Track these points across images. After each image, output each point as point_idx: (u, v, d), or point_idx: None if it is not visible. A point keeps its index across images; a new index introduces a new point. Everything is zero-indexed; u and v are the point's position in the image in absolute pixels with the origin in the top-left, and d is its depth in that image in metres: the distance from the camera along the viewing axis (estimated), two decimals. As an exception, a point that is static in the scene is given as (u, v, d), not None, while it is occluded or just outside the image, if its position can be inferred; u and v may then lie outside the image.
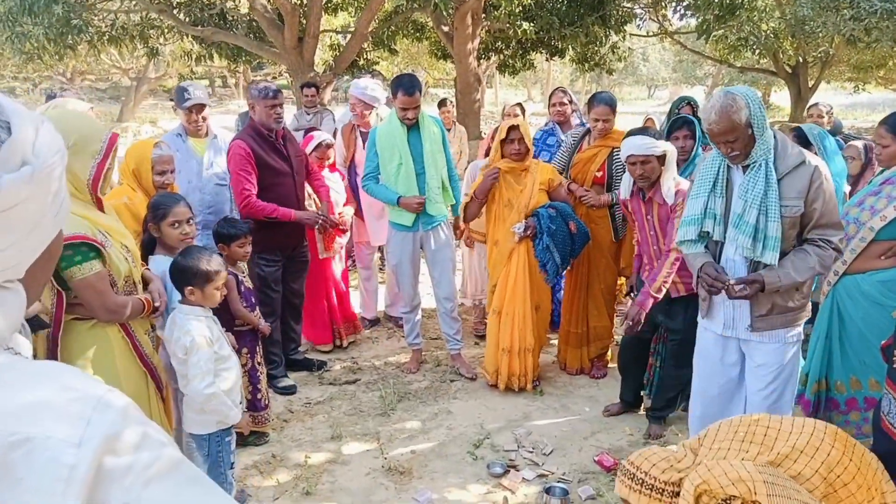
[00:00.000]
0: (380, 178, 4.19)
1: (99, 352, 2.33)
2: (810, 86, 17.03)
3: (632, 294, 3.87)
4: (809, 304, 2.71)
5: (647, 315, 3.53)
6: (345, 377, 4.34)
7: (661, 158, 3.29)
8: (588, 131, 4.23)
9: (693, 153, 3.73)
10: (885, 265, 2.86)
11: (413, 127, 4.12)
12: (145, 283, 2.59)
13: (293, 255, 4.17)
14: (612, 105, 4.09)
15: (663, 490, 1.91)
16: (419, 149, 4.11)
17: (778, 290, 2.56)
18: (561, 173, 4.19)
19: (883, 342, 2.43)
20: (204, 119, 3.99)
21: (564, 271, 4.10)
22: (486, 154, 4.61)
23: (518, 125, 3.93)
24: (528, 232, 3.89)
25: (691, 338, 3.50)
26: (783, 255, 2.54)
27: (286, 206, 3.91)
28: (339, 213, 4.47)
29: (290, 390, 4.11)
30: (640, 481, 1.93)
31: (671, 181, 3.30)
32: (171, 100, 4.17)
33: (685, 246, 2.77)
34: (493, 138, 4.85)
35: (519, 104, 5.16)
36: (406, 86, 3.98)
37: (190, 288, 2.64)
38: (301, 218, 3.95)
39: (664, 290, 3.32)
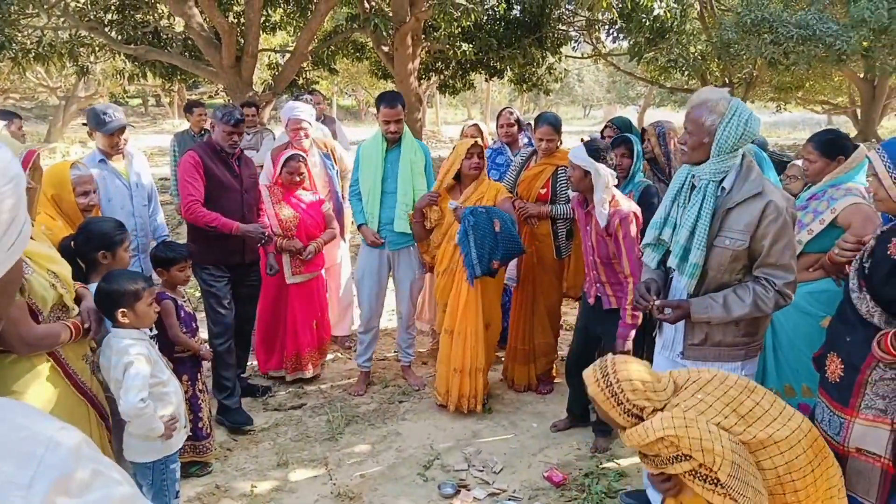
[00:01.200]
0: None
1: (25, 385, 2.17)
2: (736, 105, 17.83)
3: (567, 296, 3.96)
4: (754, 346, 2.64)
5: (588, 327, 3.62)
6: (290, 402, 4.24)
7: (589, 174, 3.38)
8: (535, 151, 4.32)
9: (632, 170, 3.84)
10: (812, 277, 3.00)
11: (395, 146, 4.19)
12: (78, 302, 2.47)
13: (241, 278, 4.00)
14: (555, 125, 4.19)
15: (628, 409, 1.96)
16: (396, 168, 4.15)
17: (709, 322, 2.50)
18: (511, 192, 4.27)
19: (815, 353, 2.55)
20: (125, 141, 3.86)
21: (483, 274, 3.89)
22: None
23: (478, 143, 4.04)
24: (456, 210, 3.92)
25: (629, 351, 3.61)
26: (726, 286, 2.48)
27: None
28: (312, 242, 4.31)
29: (243, 424, 3.86)
30: (612, 390, 1.97)
31: (603, 204, 3.35)
32: (84, 124, 4.00)
33: (646, 249, 2.79)
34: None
35: (476, 124, 5.23)
36: (387, 99, 4.15)
37: (122, 310, 2.54)
38: (243, 230, 3.73)
39: (638, 316, 3.41)
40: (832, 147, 3.12)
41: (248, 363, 4.46)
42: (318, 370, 4.58)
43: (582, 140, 3.59)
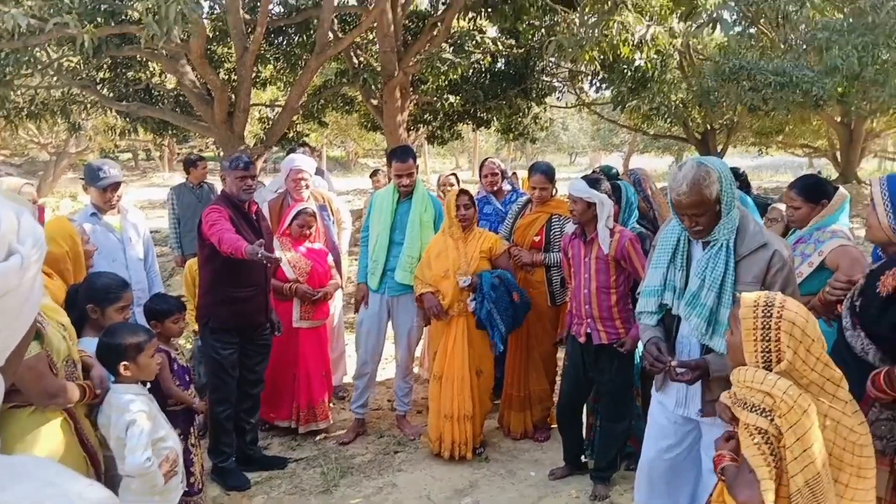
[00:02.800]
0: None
1: (37, 436, 2.19)
2: (719, 150, 18.21)
3: (561, 344, 3.95)
4: None
5: (578, 370, 3.62)
6: (283, 454, 4.18)
7: (593, 206, 3.49)
8: (530, 199, 4.41)
9: (621, 218, 3.91)
10: (802, 318, 3.03)
11: (407, 198, 4.28)
12: (86, 368, 2.48)
13: (252, 337, 3.84)
14: (548, 174, 4.29)
15: (767, 350, 1.80)
16: (405, 220, 4.21)
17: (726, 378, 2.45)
18: (507, 239, 4.34)
19: None
20: (119, 197, 3.91)
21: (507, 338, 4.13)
22: None
23: (467, 191, 4.13)
24: (470, 286, 3.94)
25: (621, 389, 3.61)
26: None
27: (254, 278, 3.68)
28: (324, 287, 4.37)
29: (240, 486, 3.76)
30: (768, 315, 1.81)
31: (605, 230, 3.48)
32: (81, 178, 4.03)
33: (643, 317, 2.69)
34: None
35: (453, 173, 5.37)
36: (399, 154, 4.29)
37: (124, 363, 2.55)
38: (247, 251, 3.27)
39: None
40: (815, 192, 3.20)
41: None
42: (331, 420, 4.50)
43: (583, 176, 3.71)
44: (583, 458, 3.93)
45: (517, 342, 4.34)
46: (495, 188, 4.98)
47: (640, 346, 2.68)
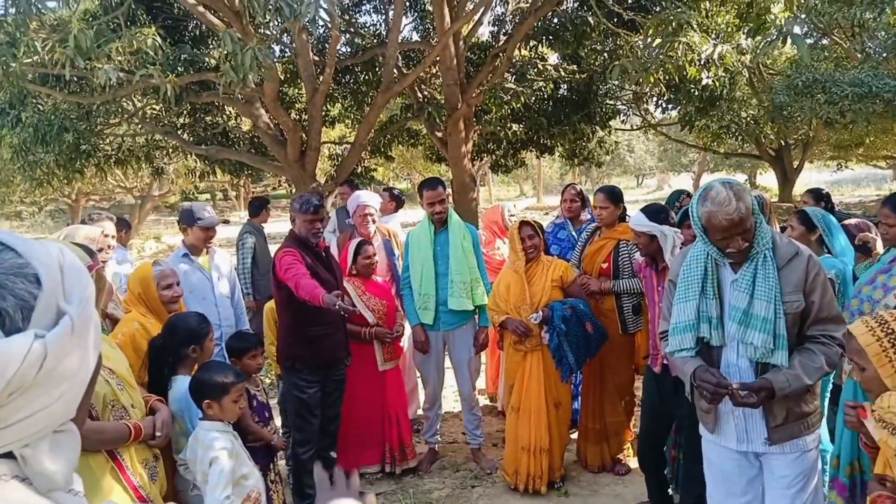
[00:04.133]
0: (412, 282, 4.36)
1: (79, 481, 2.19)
2: (795, 166, 17.54)
3: (637, 372, 3.85)
4: (819, 404, 2.54)
5: (656, 403, 3.52)
6: (363, 489, 4.21)
7: (656, 238, 3.43)
8: (599, 226, 4.37)
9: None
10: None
11: (443, 229, 4.32)
12: (152, 411, 2.55)
13: (329, 375, 3.83)
14: (609, 194, 4.25)
15: None
16: (446, 250, 4.25)
17: (787, 395, 2.32)
18: (577, 266, 4.31)
19: None
20: (212, 237, 4.12)
21: (579, 369, 4.07)
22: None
23: (529, 221, 4.09)
24: (542, 321, 3.90)
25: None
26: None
27: (332, 315, 3.60)
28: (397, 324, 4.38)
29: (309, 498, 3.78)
30: (890, 332, 1.77)
31: (672, 254, 3.40)
32: (178, 221, 4.24)
33: (679, 355, 2.52)
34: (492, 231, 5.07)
35: (497, 207, 5.44)
36: (428, 184, 4.36)
37: (207, 402, 2.64)
38: (325, 301, 3.28)
39: None
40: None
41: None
42: (418, 457, 4.51)
43: (644, 207, 3.65)
44: (669, 491, 3.78)
45: (591, 373, 4.26)
46: (573, 214, 4.94)
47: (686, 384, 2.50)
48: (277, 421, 3.80)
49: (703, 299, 2.44)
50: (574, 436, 4.51)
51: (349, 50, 11.01)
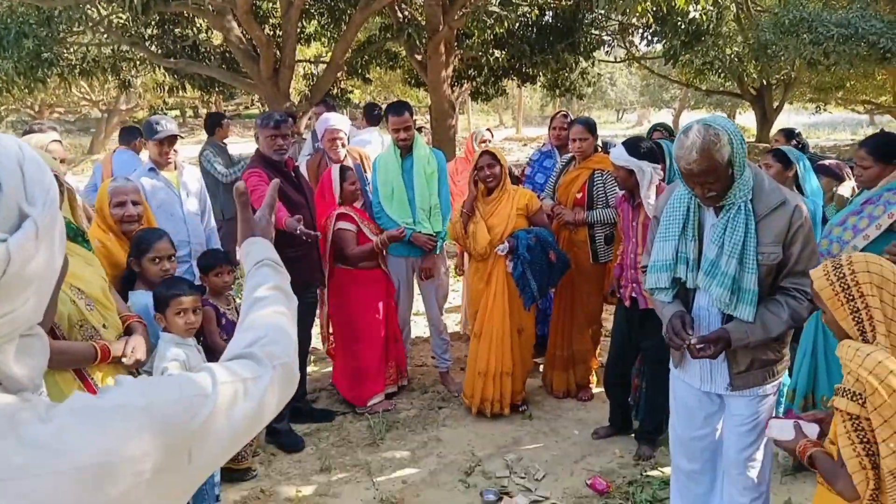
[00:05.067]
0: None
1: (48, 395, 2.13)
2: (774, 107, 17.53)
3: (614, 295, 3.89)
4: (788, 353, 2.55)
5: (624, 334, 3.59)
6: (330, 407, 4.28)
7: (633, 173, 3.41)
8: (574, 157, 4.32)
9: (667, 177, 3.80)
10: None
11: (408, 154, 4.24)
12: (129, 332, 2.49)
13: (303, 297, 3.87)
14: (588, 125, 4.20)
15: (856, 309, 1.72)
16: (411, 175, 4.19)
17: (747, 346, 2.33)
18: (551, 197, 4.28)
19: None
20: (175, 152, 3.97)
21: (542, 297, 4.11)
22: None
23: (490, 150, 4.03)
24: (508, 252, 3.91)
25: (666, 356, 3.56)
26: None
27: (304, 240, 3.50)
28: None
29: (295, 447, 3.77)
30: (841, 276, 1.75)
31: (650, 197, 3.39)
32: (141, 133, 4.09)
33: (657, 294, 2.53)
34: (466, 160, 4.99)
35: (488, 129, 5.29)
36: (394, 108, 4.23)
37: (158, 315, 2.67)
38: (287, 225, 3.35)
39: None
40: (888, 151, 3.05)
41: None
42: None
43: (624, 141, 3.61)
44: (632, 416, 3.92)
45: (561, 301, 4.31)
46: (561, 142, 4.86)
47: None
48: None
49: (682, 240, 2.41)
50: (540, 361, 4.61)
51: (327, -37, 10.54)
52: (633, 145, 3.44)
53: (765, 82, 16.55)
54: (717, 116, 2.36)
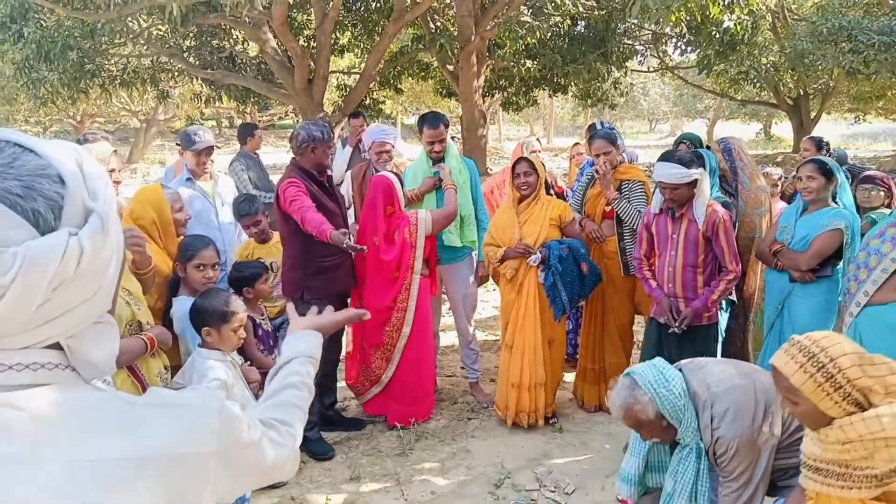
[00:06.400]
0: None
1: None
2: (812, 117, 17.19)
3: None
4: None
5: (657, 349, 3.55)
6: (361, 416, 4.30)
7: (692, 184, 3.35)
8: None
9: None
10: (909, 297, 2.85)
11: (440, 163, 4.24)
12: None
13: (338, 305, 3.70)
14: (608, 138, 4.14)
15: (847, 394, 1.66)
16: (442, 185, 4.20)
17: None
18: (578, 211, 4.26)
19: None
20: (212, 162, 4.05)
21: (572, 309, 4.06)
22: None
23: (527, 158, 4.04)
24: (540, 262, 3.89)
25: None
26: None
27: (340, 248, 3.45)
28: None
29: (325, 454, 3.76)
30: (821, 366, 1.68)
31: (703, 204, 3.38)
32: (178, 144, 4.19)
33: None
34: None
35: (537, 139, 5.29)
36: (430, 120, 4.21)
37: (207, 329, 2.62)
38: (332, 238, 3.32)
39: (719, 303, 3.45)
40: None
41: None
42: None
43: (662, 156, 3.54)
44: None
45: (592, 314, 4.27)
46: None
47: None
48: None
49: (653, 449, 2.61)
50: (570, 375, 4.57)
51: (361, -25, 10.68)
52: (680, 159, 3.34)
53: (802, 92, 16.26)
54: (637, 366, 2.41)
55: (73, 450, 0.70)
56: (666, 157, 3.44)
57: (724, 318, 3.81)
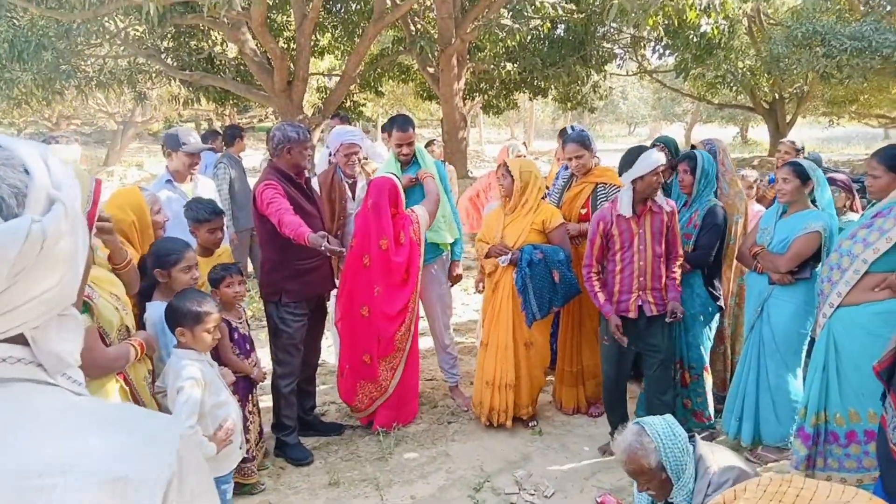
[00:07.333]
0: None
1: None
2: (787, 121, 17.44)
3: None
4: None
5: (620, 350, 3.63)
6: (340, 421, 4.27)
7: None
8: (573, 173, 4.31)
9: (696, 189, 3.79)
10: (879, 297, 2.89)
11: (410, 166, 4.24)
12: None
13: (315, 307, 3.85)
14: (580, 141, 4.15)
15: None
16: (413, 187, 4.18)
17: None
18: None
19: (875, 366, 2.44)
20: (197, 164, 4.02)
21: (543, 318, 3.96)
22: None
23: (506, 162, 4.06)
24: (511, 263, 3.89)
25: (669, 359, 3.64)
26: None
27: (317, 251, 3.37)
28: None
29: (303, 460, 3.74)
30: None
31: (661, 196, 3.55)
32: (163, 145, 4.12)
33: None
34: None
35: (523, 142, 5.31)
36: (400, 123, 4.21)
37: (181, 329, 2.62)
38: (310, 240, 3.25)
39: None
40: (899, 162, 3.02)
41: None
42: None
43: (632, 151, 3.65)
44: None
45: (569, 317, 4.28)
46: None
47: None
48: (261, 353, 3.78)
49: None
50: (551, 378, 4.58)
51: (341, -23, 10.65)
52: (628, 160, 3.55)
53: (777, 96, 16.50)
54: (650, 418, 2.43)
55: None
56: (638, 150, 3.56)
57: (714, 322, 3.89)
